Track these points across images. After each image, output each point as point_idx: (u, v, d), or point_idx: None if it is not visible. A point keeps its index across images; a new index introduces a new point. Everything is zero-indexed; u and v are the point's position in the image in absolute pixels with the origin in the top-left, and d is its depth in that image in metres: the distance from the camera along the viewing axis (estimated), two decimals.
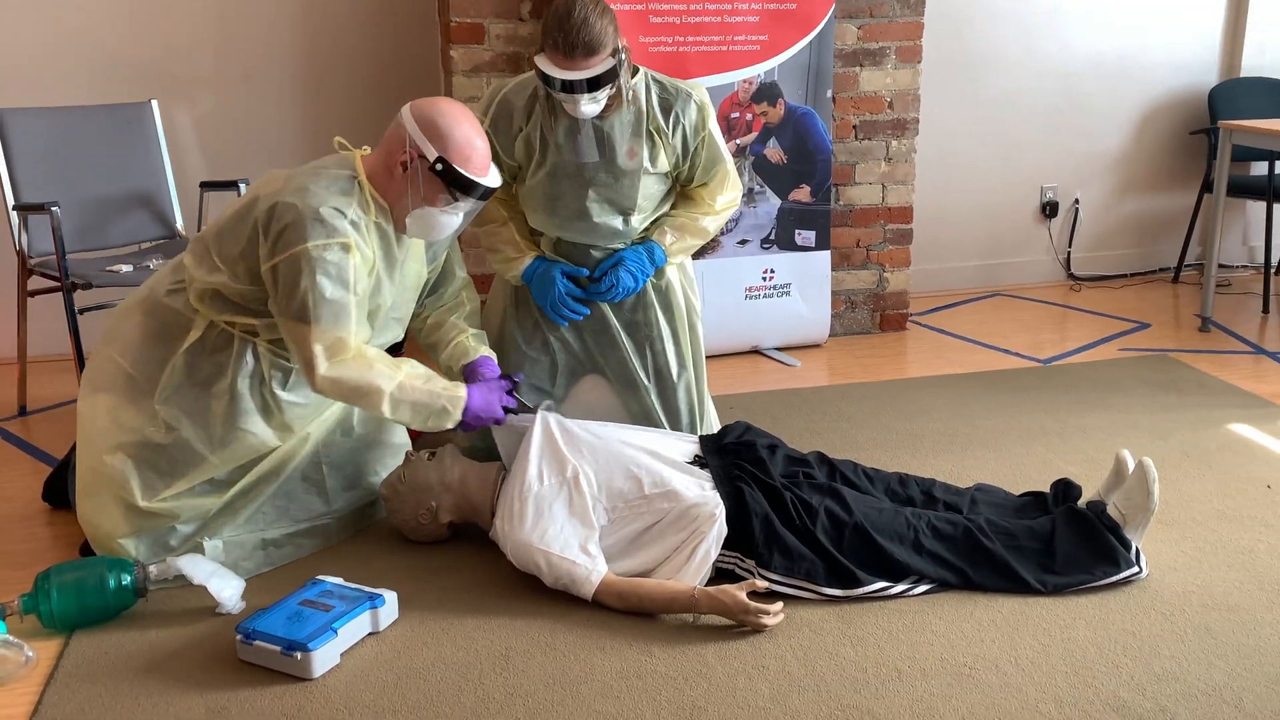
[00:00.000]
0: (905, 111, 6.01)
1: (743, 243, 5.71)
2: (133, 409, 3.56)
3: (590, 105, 3.83)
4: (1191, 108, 7.21)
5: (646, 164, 4.07)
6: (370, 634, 3.32)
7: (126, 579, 3.38)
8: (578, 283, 4.19)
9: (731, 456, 3.78)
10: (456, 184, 3.55)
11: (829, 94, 5.68)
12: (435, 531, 3.81)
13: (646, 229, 4.26)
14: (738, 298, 5.80)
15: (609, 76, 3.78)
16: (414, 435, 4.28)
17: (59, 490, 4.16)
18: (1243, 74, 7.14)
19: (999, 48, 6.82)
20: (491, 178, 3.64)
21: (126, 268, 4.86)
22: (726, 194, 4.25)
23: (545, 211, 4.15)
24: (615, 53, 3.77)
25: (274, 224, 3.42)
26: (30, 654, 3.19)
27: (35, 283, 4.95)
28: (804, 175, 5.72)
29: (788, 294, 5.86)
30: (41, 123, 5.03)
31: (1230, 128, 6.00)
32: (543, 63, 3.76)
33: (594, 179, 4.06)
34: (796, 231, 5.79)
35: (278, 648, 3.11)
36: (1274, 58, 7.18)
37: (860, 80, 5.90)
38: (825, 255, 5.88)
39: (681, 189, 4.29)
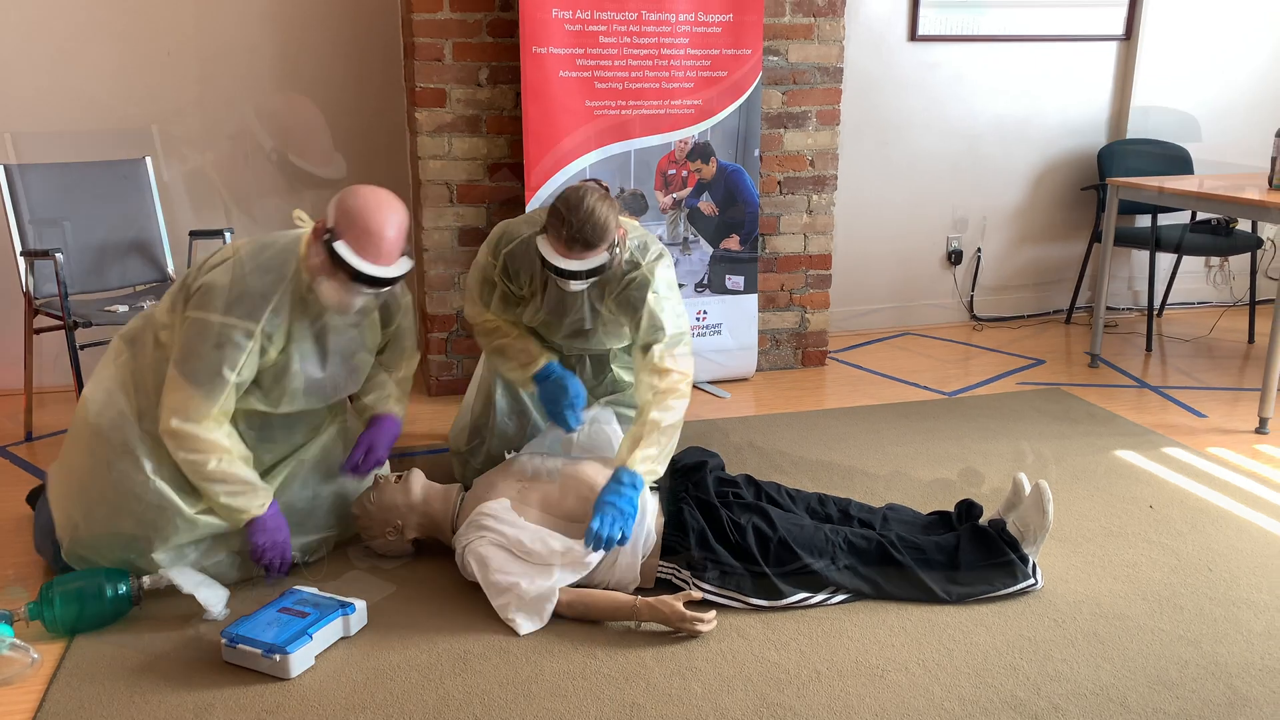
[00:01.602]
0: (825, 169, 6.04)
1: (679, 286, 5.71)
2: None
3: (579, 285, 3.70)
4: (1082, 166, 7.28)
5: (607, 323, 4.02)
6: (342, 638, 3.33)
7: (123, 588, 3.38)
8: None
9: (681, 478, 3.85)
10: (338, 263, 3.30)
11: (756, 153, 5.71)
12: (401, 547, 3.82)
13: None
14: None
15: (599, 270, 3.63)
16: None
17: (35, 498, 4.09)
18: (1129, 136, 7.20)
19: (909, 113, 6.87)
20: (383, 269, 3.34)
21: (123, 308, 4.85)
22: (673, 356, 3.90)
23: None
24: (611, 246, 3.62)
25: (202, 287, 3.41)
26: (35, 656, 3.19)
27: (40, 321, 4.92)
28: (734, 226, 5.76)
29: (719, 333, 5.89)
30: (47, 177, 5.01)
31: (1117, 184, 6.04)
32: (544, 244, 3.62)
33: (571, 331, 4.04)
34: (727, 277, 5.82)
35: (259, 650, 3.12)
36: (1157, 121, 7.25)
37: (784, 141, 5.94)
38: (753, 298, 5.90)
39: (640, 353, 3.95)
